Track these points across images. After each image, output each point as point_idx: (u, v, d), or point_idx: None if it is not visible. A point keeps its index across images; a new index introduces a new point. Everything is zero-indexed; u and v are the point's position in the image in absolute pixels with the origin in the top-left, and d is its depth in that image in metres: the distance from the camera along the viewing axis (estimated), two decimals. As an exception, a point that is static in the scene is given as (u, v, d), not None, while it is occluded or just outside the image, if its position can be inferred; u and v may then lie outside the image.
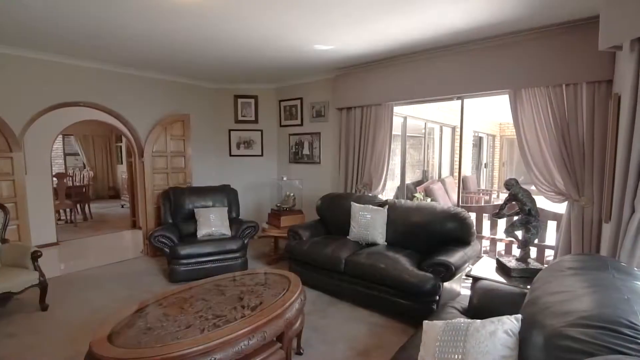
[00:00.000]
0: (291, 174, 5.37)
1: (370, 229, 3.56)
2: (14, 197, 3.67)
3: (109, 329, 1.88)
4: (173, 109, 5.04)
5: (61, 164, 9.75)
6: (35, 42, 3.45)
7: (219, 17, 2.82)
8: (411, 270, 2.89)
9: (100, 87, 4.32)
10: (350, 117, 4.52)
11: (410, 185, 6.15)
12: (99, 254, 5.03)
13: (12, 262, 3.18)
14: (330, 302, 3.33)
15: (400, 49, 3.67)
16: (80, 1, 2.52)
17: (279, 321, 2.06)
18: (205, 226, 4.13)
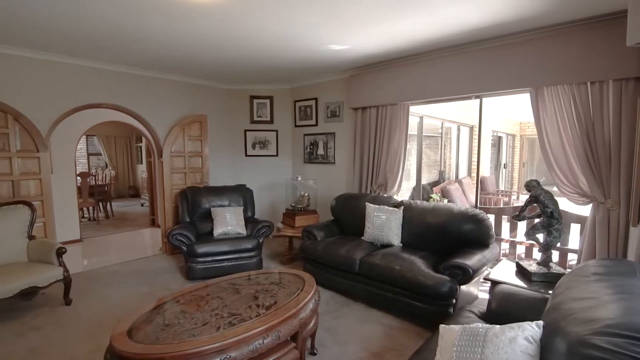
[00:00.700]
0: (306, 174, 5.39)
1: (385, 229, 3.53)
2: (40, 196, 3.82)
3: (129, 324, 1.93)
4: (191, 110, 5.14)
5: (85, 163, 10.11)
6: (60, 47, 3.58)
7: (235, 19, 2.85)
8: (427, 272, 2.85)
9: (121, 89, 4.45)
10: (365, 117, 4.49)
11: (426, 186, 6.06)
12: (119, 251, 5.18)
13: (38, 258, 3.31)
14: (344, 302, 3.32)
15: (417, 48, 3.62)
16: (100, 5, 2.59)
17: (293, 321, 2.07)
18: (222, 225, 4.19)
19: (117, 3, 2.54)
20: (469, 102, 6.18)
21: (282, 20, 2.87)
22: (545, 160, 3.13)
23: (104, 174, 9.40)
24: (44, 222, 3.83)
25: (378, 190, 4.34)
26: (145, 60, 4.12)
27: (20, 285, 2.91)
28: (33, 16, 2.78)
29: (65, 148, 5.52)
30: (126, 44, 3.50)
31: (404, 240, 3.55)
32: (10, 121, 3.57)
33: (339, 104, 4.90)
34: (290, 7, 2.63)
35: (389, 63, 4.13)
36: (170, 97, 4.94)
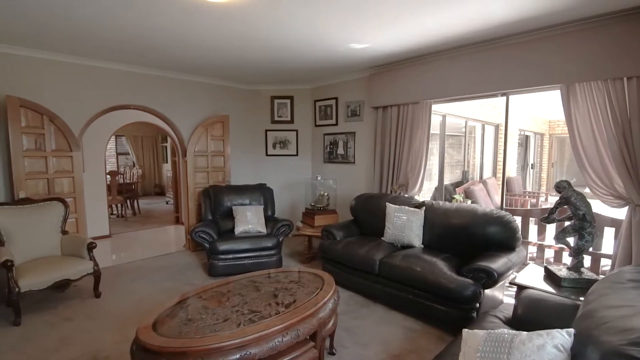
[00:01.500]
0: (325, 174, 5.39)
1: (406, 230, 3.47)
2: (73, 193, 4.01)
3: (154, 318, 1.99)
4: (213, 111, 5.26)
5: (114, 162, 10.54)
6: (91, 51, 3.74)
7: (257, 20, 2.89)
8: (449, 275, 2.78)
9: (147, 91, 4.61)
10: (386, 116, 4.44)
11: (449, 187, 5.93)
12: (145, 247, 5.37)
13: (70, 252, 3.48)
14: (364, 303, 3.30)
15: (439, 45, 3.54)
16: (125, 11, 2.69)
17: (312, 320, 2.07)
18: (243, 223, 4.25)
19: (143, 9, 2.63)
20: (494, 100, 5.98)
21: (304, 20, 2.87)
22: (576, 161, 2.98)
23: (132, 172, 9.78)
24: (76, 218, 4.02)
25: (399, 191, 4.27)
26: (171, 62, 4.24)
27: (54, 278, 3.07)
28: (66, 23, 2.92)
29: (96, 148, 5.77)
30: (152, 48, 3.62)
31: (425, 242, 3.48)
32: (46, 122, 3.77)
33: (359, 103, 4.87)
34: (313, 7, 2.63)
35: (411, 61, 4.06)
36: (194, 98, 5.07)
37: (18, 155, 3.57)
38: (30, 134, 3.66)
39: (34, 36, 3.27)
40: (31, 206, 3.47)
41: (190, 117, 5.02)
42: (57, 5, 2.58)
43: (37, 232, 3.40)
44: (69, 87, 3.99)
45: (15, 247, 3.20)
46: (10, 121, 3.49)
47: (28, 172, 3.67)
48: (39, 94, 3.75)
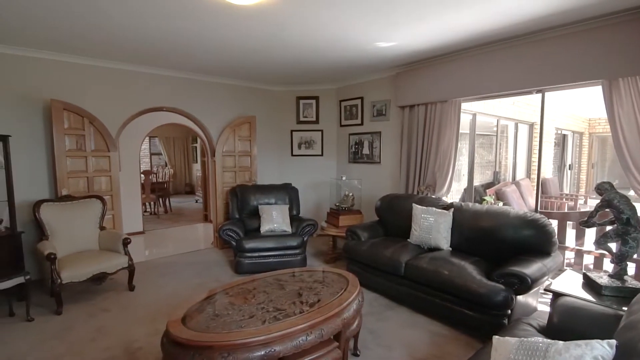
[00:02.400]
0: (350, 174, 5.36)
1: (434, 232, 3.39)
2: (110, 191, 4.23)
3: (183, 312, 2.06)
4: (241, 112, 5.37)
5: (147, 162, 11.03)
6: (127, 56, 3.93)
7: (283, 20, 2.92)
8: (479, 279, 2.68)
9: (179, 93, 4.78)
10: (413, 115, 4.36)
11: (479, 188, 5.72)
12: (176, 244, 5.57)
13: (107, 247, 3.67)
14: (389, 305, 3.25)
15: (470, 41, 3.43)
16: (153, 17, 2.80)
17: (336, 320, 2.07)
18: (268, 222, 4.32)
19: (172, 15, 2.73)
20: (528, 97, 5.71)
21: (330, 20, 2.88)
22: (620, 161, 2.79)
23: (164, 172, 10.19)
24: (113, 215, 4.24)
25: (426, 192, 4.18)
26: (200, 65, 4.38)
27: (92, 271, 3.26)
28: (101, 32, 3.09)
29: (131, 148, 6.06)
30: (181, 52, 3.75)
31: (453, 245, 3.38)
32: (86, 124, 4.00)
33: (385, 103, 4.81)
34: (339, 7, 2.63)
35: (439, 58, 3.96)
36: (223, 100, 5.21)
37: (61, 155, 3.81)
38: (72, 135, 3.90)
39: (74, 44, 3.48)
40: (72, 203, 3.69)
41: (219, 118, 5.16)
42: (93, 16, 2.74)
43: (78, 228, 3.62)
44: (107, 91, 4.21)
45: (58, 241, 3.42)
46: (54, 123, 3.73)
47: (70, 170, 3.91)
48: (79, 98, 3.99)
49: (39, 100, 3.77)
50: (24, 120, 3.70)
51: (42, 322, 2.94)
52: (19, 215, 3.47)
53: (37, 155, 3.81)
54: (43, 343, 2.62)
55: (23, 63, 3.67)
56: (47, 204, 3.52)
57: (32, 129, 3.76)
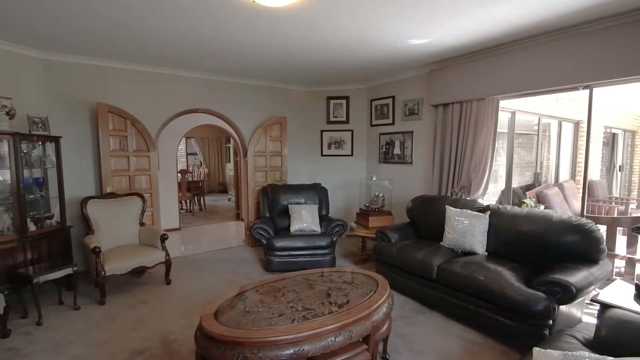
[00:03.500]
0: (381, 174, 5.29)
1: (468, 236, 3.25)
2: (149, 189, 4.46)
3: (216, 307, 2.13)
4: (272, 113, 5.46)
5: (184, 162, 11.51)
6: (163, 61, 4.12)
7: (315, 21, 2.93)
8: (517, 286, 2.54)
9: (213, 95, 4.94)
10: (447, 114, 4.22)
11: (517, 190, 5.43)
12: (210, 240, 5.77)
13: (146, 242, 3.87)
14: (420, 310, 3.16)
15: (509, 35, 3.26)
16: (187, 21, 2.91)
17: (365, 322, 2.04)
18: (298, 222, 4.35)
19: (206, 20, 2.82)
20: (574, 94, 5.35)
21: (361, 18, 2.85)
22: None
23: (199, 171, 10.59)
24: (152, 212, 4.46)
25: (460, 193, 4.03)
26: (232, 68, 4.50)
27: (133, 264, 3.45)
28: (141, 39, 3.25)
29: (169, 148, 6.35)
30: (217, 55, 3.86)
31: (489, 249, 3.23)
32: (129, 125, 4.24)
33: (417, 101, 4.69)
34: (371, 5, 2.59)
35: (475, 54, 3.80)
36: (255, 101, 5.32)
37: (106, 154, 4.07)
38: (115, 136, 4.14)
39: (118, 51, 3.70)
40: (115, 200, 3.93)
41: (251, 119, 5.28)
42: (134, 25, 2.89)
43: (120, 223, 3.84)
44: (147, 94, 4.44)
45: (102, 236, 3.65)
46: (100, 125, 3.99)
47: (114, 169, 4.16)
48: (122, 100, 4.23)
49: (87, 104, 4.05)
50: (74, 122, 3.99)
51: (88, 311, 3.15)
52: (68, 210, 3.74)
53: (85, 155, 4.09)
54: (88, 331, 2.80)
55: (73, 69, 3.96)
56: (93, 200, 3.76)
57: (80, 130, 4.05)
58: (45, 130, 3.55)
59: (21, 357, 2.45)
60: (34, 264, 3.21)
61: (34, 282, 2.90)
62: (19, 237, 3.14)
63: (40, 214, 3.51)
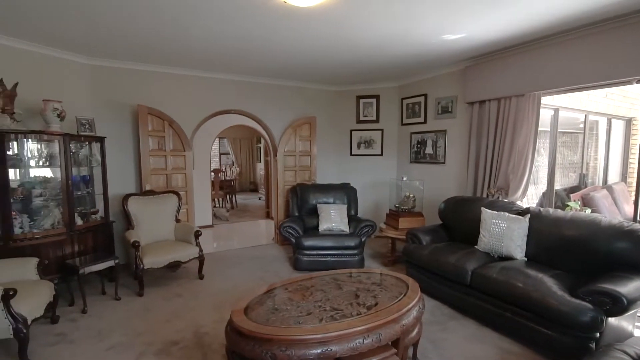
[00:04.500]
0: (412, 174, 5.16)
1: (506, 240, 3.09)
2: (185, 187, 4.64)
3: (245, 303, 2.17)
4: (301, 113, 5.50)
5: (217, 161, 11.89)
6: (197, 64, 4.26)
7: (343, 21, 2.91)
8: (560, 295, 2.37)
9: (245, 96, 5.06)
10: (483, 112, 4.04)
11: (560, 192, 5.09)
12: (240, 238, 5.91)
13: (181, 238, 4.03)
14: (452, 315, 3.05)
15: (552, 27, 3.06)
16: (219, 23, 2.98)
17: (395, 325, 2.00)
18: (326, 221, 4.35)
19: (237, 22, 2.88)
20: (626, 88, 4.94)
21: (394, 14, 2.78)
22: None
23: (231, 170, 10.88)
24: (187, 209, 4.64)
25: (497, 195, 3.84)
26: (265, 69, 4.58)
27: (169, 259, 3.60)
28: (177, 43, 3.38)
29: (203, 148, 6.58)
30: (249, 57, 3.94)
31: (529, 254, 3.05)
32: (166, 126, 4.43)
33: (451, 99, 4.53)
34: (403, 1, 2.53)
35: (514, 48, 3.61)
36: (285, 101, 5.38)
37: (145, 154, 4.28)
38: (154, 136, 4.35)
39: (157, 55, 3.87)
40: (154, 197, 4.12)
41: (281, 119, 5.35)
42: (170, 30, 3.01)
43: (158, 219, 4.03)
44: (183, 96, 4.62)
45: (141, 231, 3.84)
46: (140, 126, 4.20)
47: (152, 168, 4.37)
48: (160, 102, 4.43)
49: (129, 106, 4.28)
50: (117, 123, 4.23)
51: (127, 301, 3.33)
52: (111, 206, 3.98)
53: (126, 154, 4.33)
54: (127, 320, 2.96)
55: (117, 74, 4.20)
56: (133, 197, 3.97)
57: (123, 131, 4.29)
58: (91, 131, 3.79)
59: (68, 342, 2.63)
60: (80, 256, 3.44)
61: (80, 272, 3.11)
62: (67, 231, 3.38)
63: (87, 210, 3.75)
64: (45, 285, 2.73)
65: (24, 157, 3.25)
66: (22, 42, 3.37)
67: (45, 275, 2.91)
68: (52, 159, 3.38)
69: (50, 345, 2.58)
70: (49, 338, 2.68)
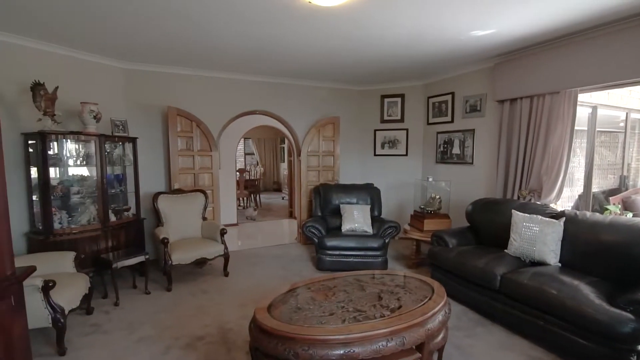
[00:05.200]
0: (437, 175, 5.04)
1: (538, 244, 2.95)
2: (211, 186, 4.76)
3: (269, 301, 2.19)
4: (325, 113, 5.50)
5: (242, 161, 12.11)
6: (223, 66, 4.35)
7: (368, 19, 2.88)
8: (598, 304, 2.24)
9: (270, 97, 5.13)
10: (514, 110, 3.88)
11: (598, 195, 4.80)
12: (264, 237, 5.99)
13: (207, 235, 4.13)
14: (479, 321, 2.95)
15: (590, 21, 2.89)
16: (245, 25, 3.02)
17: (419, 329, 1.95)
18: (349, 222, 4.32)
19: (263, 24, 2.92)
20: (675, 85, 4.57)
21: (421, 10, 2.73)
22: None
23: (255, 170, 11.06)
24: (213, 208, 4.76)
25: (529, 197, 3.68)
26: (289, 70, 4.62)
27: (196, 255, 3.70)
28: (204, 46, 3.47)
29: (229, 148, 6.72)
30: (273, 58, 3.99)
31: (563, 260, 2.90)
32: (194, 127, 4.57)
33: (480, 97, 4.38)
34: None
35: (549, 43, 3.44)
36: (308, 102, 5.41)
37: (174, 154, 4.42)
38: (183, 137, 4.49)
39: (186, 58, 3.99)
40: (182, 195, 4.25)
41: (305, 119, 5.37)
42: (199, 35, 3.09)
43: (185, 217, 4.15)
44: (210, 97, 4.74)
45: (170, 228, 3.97)
46: (170, 127, 4.35)
47: (181, 167, 4.51)
48: (188, 104, 4.57)
49: (159, 107, 4.45)
50: (148, 125, 4.40)
51: (156, 296, 3.46)
52: (142, 204, 4.14)
53: (156, 154, 4.50)
54: (156, 314, 3.07)
55: (148, 77, 4.37)
56: (163, 195, 4.12)
57: (153, 131, 4.45)
58: (124, 132, 3.97)
59: (102, 332, 2.77)
60: (113, 251, 3.61)
61: (113, 266, 3.26)
62: (102, 227, 3.55)
63: (120, 207, 3.93)
64: (82, 278, 2.89)
65: (63, 156, 3.45)
66: (62, 48, 3.57)
67: (81, 268, 3.07)
68: (89, 159, 3.57)
69: (85, 335, 2.73)
70: (84, 328, 2.82)
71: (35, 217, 3.37)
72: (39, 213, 3.29)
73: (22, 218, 3.35)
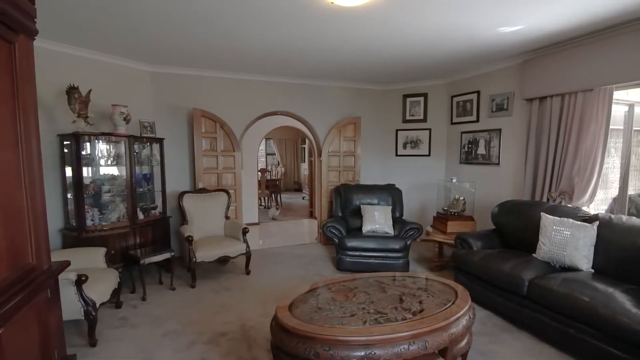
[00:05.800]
0: (462, 176, 4.91)
1: (569, 249, 2.82)
2: (234, 186, 4.85)
3: (290, 300, 2.21)
4: (346, 113, 5.49)
5: (263, 161, 12.28)
6: (245, 68, 4.43)
7: (391, 18, 2.85)
8: (635, 313, 2.11)
9: (290, 98, 5.17)
10: (544, 109, 3.72)
11: (635, 198, 4.53)
12: (285, 236, 6.05)
13: (230, 234, 4.21)
14: (505, 327, 2.85)
15: (626, 14, 2.74)
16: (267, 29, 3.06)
17: (442, 334, 1.91)
18: (370, 222, 4.29)
19: (284, 27, 2.94)
20: None
21: (445, 7, 2.67)
22: None
23: (277, 170, 11.18)
24: (235, 207, 4.85)
25: (559, 199, 3.52)
26: (311, 71, 4.64)
27: (219, 253, 3.78)
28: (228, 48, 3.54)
29: (251, 149, 6.83)
30: (296, 60, 4.02)
31: (596, 266, 2.76)
32: (218, 128, 4.67)
33: (507, 96, 4.24)
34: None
35: (581, 39, 3.29)
36: (330, 102, 5.41)
37: (199, 154, 4.54)
38: (207, 137, 4.60)
39: (210, 61, 4.09)
40: (206, 195, 4.36)
41: (326, 120, 5.38)
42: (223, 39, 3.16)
43: (209, 216, 4.25)
44: (233, 98, 4.84)
45: (194, 226, 4.08)
46: (195, 128, 4.47)
47: (205, 167, 4.63)
48: (213, 105, 4.68)
49: (184, 109, 4.58)
50: (174, 126, 4.54)
51: (181, 292, 3.56)
52: (168, 203, 4.27)
53: (182, 154, 4.63)
54: (181, 309, 3.16)
55: (174, 79, 4.51)
56: (188, 194, 4.23)
57: (179, 132, 4.59)
58: (152, 133, 4.11)
59: (129, 326, 2.88)
60: (141, 248, 3.74)
61: (141, 263, 3.39)
62: (130, 224, 3.69)
63: (147, 205, 4.08)
64: (112, 273, 3.01)
65: (96, 156, 3.62)
66: (94, 52, 3.75)
67: (111, 264, 3.20)
68: (119, 158, 3.72)
69: (114, 328, 2.84)
70: (113, 321, 2.94)
71: (70, 214, 3.55)
72: (73, 210, 3.47)
73: (58, 215, 3.54)
